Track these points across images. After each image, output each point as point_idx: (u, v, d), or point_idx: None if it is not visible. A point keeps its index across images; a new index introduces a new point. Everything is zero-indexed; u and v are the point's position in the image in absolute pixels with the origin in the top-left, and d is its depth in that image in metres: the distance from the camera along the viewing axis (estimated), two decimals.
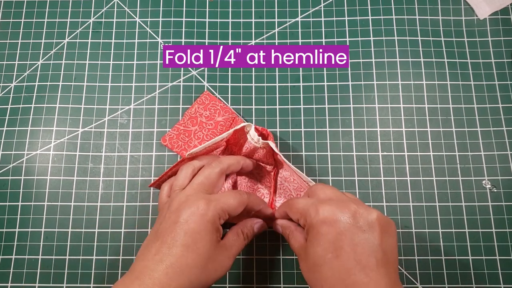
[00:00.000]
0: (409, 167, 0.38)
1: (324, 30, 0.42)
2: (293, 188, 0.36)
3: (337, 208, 0.27)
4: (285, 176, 0.37)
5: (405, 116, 0.40)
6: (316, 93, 0.40)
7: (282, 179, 0.37)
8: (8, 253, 0.37)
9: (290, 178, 0.36)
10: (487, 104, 0.40)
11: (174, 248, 0.27)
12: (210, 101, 0.39)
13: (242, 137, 0.36)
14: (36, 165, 0.39)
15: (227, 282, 0.36)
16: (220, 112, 0.39)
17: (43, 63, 0.42)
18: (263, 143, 0.34)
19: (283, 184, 0.37)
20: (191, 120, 0.39)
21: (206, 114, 0.39)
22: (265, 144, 0.34)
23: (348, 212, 0.26)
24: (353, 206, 0.27)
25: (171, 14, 0.43)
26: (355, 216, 0.26)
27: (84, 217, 0.37)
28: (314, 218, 0.27)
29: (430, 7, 0.42)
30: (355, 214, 0.26)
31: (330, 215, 0.26)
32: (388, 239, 0.26)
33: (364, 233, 0.26)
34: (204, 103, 0.39)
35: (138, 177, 0.38)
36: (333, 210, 0.27)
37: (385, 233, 0.26)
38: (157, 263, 0.26)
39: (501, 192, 0.37)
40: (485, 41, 0.41)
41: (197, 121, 0.39)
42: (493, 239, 0.36)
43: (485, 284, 0.35)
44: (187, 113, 0.39)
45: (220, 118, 0.39)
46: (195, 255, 0.27)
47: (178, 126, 0.39)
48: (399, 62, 0.41)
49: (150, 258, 0.27)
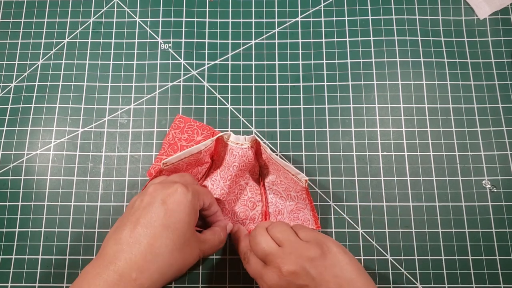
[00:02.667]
0: (409, 167, 0.38)
1: (324, 30, 0.42)
2: (282, 190, 0.37)
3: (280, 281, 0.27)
4: (271, 180, 0.37)
5: (405, 116, 0.40)
6: (316, 93, 0.40)
7: (270, 183, 0.37)
8: (8, 253, 0.37)
9: (277, 180, 0.36)
10: (487, 104, 0.40)
11: (151, 228, 0.25)
12: (185, 123, 0.39)
13: (222, 150, 0.36)
14: (36, 165, 0.39)
15: (227, 282, 0.36)
16: (198, 131, 0.39)
17: (43, 63, 0.42)
18: (250, 141, 0.34)
19: (271, 188, 0.37)
20: (171, 147, 0.38)
21: (184, 137, 0.38)
22: (253, 142, 0.35)
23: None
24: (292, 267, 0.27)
25: (171, 14, 0.43)
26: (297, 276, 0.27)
27: (84, 217, 0.37)
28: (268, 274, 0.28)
29: (430, 7, 0.42)
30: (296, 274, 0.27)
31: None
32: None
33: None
34: (180, 126, 0.39)
35: (138, 177, 0.38)
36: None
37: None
38: (132, 245, 0.25)
39: (501, 192, 0.37)
40: (485, 41, 0.41)
41: (177, 147, 0.38)
42: (493, 239, 0.36)
43: (485, 284, 0.35)
44: (165, 141, 0.38)
45: (200, 137, 0.38)
46: (175, 236, 0.26)
47: (160, 156, 0.38)
48: (399, 62, 0.41)
49: (123, 241, 0.25)
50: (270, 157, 0.34)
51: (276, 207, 0.37)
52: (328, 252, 0.27)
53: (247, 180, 0.37)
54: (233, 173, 0.35)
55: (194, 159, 0.35)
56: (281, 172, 0.35)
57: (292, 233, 0.30)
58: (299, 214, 0.36)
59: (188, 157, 0.34)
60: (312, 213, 0.35)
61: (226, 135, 0.35)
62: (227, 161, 0.35)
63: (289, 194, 0.36)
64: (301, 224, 0.35)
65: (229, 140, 0.35)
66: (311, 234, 0.30)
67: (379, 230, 0.37)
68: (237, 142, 0.35)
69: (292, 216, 0.36)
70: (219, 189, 0.35)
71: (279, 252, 0.28)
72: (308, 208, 0.36)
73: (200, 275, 0.36)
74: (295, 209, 0.36)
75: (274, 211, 0.37)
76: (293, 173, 0.34)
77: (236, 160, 0.35)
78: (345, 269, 0.27)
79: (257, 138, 0.34)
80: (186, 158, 0.34)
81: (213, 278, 0.36)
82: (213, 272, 0.36)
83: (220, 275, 0.36)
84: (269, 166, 0.36)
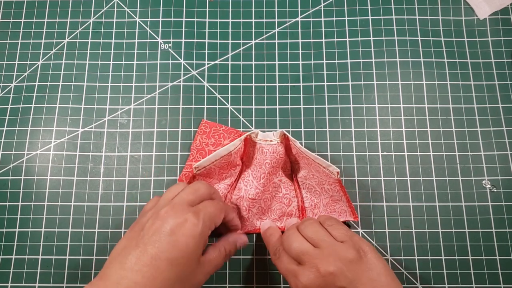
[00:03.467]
0: (409, 167, 0.38)
1: (324, 30, 0.42)
2: (316, 184, 0.37)
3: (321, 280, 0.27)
4: (304, 175, 0.37)
5: (405, 116, 0.40)
6: (316, 93, 0.40)
7: (302, 178, 0.37)
8: (8, 253, 0.37)
9: (309, 174, 0.37)
10: (487, 104, 0.40)
11: (158, 261, 0.25)
12: (211, 127, 0.39)
13: (251, 149, 0.36)
14: (36, 165, 0.39)
15: (227, 282, 0.36)
16: (224, 135, 0.38)
17: (43, 63, 0.42)
18: (279, 136, 0.35)
19: (305, 183, 0.37)
20: (199, 153, 0.38)
21: (211, 142, 0.38)
22: (281, 137, 0.35)
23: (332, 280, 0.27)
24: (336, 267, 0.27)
25: (171, 14, 0.43)
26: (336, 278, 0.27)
27: (84, 217, 0.37)
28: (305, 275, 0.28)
29: (430, 7, 0.42)
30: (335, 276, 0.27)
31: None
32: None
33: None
34: (205, 131, 0.39)
35: (138, 177, 0.38)
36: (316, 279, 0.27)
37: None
38: (136, 274, 0.25)
39: (501, 192, 0.37)
40: (485, 41, 0.41)
41: (205, 152, 0.38)
42: (493, 239, 0.36)
43: (485, 284, 0.35)
44: (193, 147, 0.38)
45: (227, 141, 0.38)
46: (179, 271, 0.26)
47: (189, 163, 0.38)
48: (399, 62, 0.41)
49: (128, 267, 0.25)
50: (300, 151, 0.34)
51: (312, 201, 0.37)
52: (364, 256, 0.28)
53: (280, 177, 0.37)
54: (266, 171, 0.36)
55: (225, 162, 0.35)
56: (312, 166, 0.35)
57: (326, 233, 0.30)
58: (335, 206, 0.36)
59: (219, 160, 0.34)
60: (348, 204, 0.35)
61: (253, 134, 0.36)
62: (258, 159, 0.36)
63: (323, 188, 0.36)
64: (329, 215, 0.34)
65: (257, 138, 0.35)
66: (344, 233, 0.30)
67: (379, 230, 0.37)
68: (265, 139, 0.35)
69: (329, 209, 0.36)
70: (253, 189, 0.36)
71: (316, 252, 0.28)
72: (343, 200, 0.36)
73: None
74: (330, 202, 0.36)
75: (310, 205, 0.37)
76: (324, 165, 0.34)
77: (267, 158, 0.35)
78: (381, 273, 0.27)
79: (285, 133, 0.35)
80: (217, 161, 0.34)
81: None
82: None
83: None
84: (300, 161, 0.37)
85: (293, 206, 0.37)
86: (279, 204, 0.37)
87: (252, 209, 0.36)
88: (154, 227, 0.27)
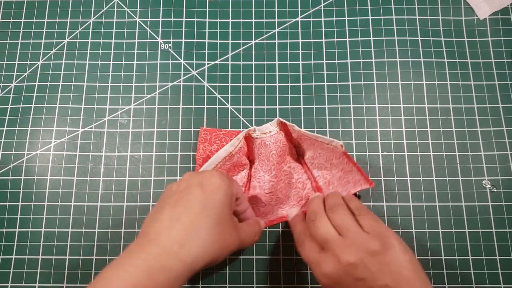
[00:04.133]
0: (409, 167, 0.38)
1: (324, 30, 0.42)
2: (324, 161, 0.37)
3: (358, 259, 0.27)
4: (310, 156, 0.37)
5: (405, 116, 0.40)
6: (316, 93, 0.40)
7: (310, 159, 0.38)
8: (8, 253, 0.37)
9: (315, 154, 0.37)
10: (487, 104, 0.40)
11: (190, 208, 0.26)
12: (211, 133, 0.38)
13: (255, 146, 0.36)
14: (36, 165, 0.39)
15: (227, 282, 0.36)
16: (226, 138, 0.38)
17: (43, 63, 0.42)
18: (276, 124, 0.35)
19: (313, 163, 0.38)
20: (205, 161, 0.37)
21: (214, 148, 0.38)
22: (279, 125, 0.35)
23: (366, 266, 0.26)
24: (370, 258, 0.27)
25: (171, 14, 0.43)
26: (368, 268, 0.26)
27: (84, 217, 0.37)
28: (337, 258, 0.27)
29: (430, 7, 0.42)
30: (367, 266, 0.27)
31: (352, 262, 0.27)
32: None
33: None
34: (206, 139, 0.38)
35: (138, 177, 0.38)
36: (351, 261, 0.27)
37: None
38: (173, 222, 0.25)
39: (501, 192, 0.37)
40: (485, 41, 0.41)
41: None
42: (493, 239, 0.36)
43: (485, 284, 0.35)
44: (198, 157, 0.38)
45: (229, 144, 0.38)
46: (214, 214, 0.26)
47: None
48: (399, 62, 0.41)
49: (164, 219, 0.26)
50: (300, 133, 0.35)
51: (325, 179, 0.37)
52: (390, 248, 0.27)
53: (289, 163, 0.37)
54: (275, 162, 0.36)
55: (230, 164, 0.35)
56: (316, 145, 0.36)
57: (353, 221, 0.29)
58: (349, 177, 0.36)
59: (222, 162, 0.35)
60: (360, 172, 0.35)
61: (251, 131, 0.36)
62: (264, 153, 0.36)
63: (332, 163, 0.36)
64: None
65: (256, 133, 0.36)
66: (373, 224, 0.29)
67: None
68: (264, 132, 0.36)
69: (343, 181, 0.36)
70: (267, 183, 0.36)
71: (340, 241, 0.28)
72: (354, 170, 0.36)
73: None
74: (342, 175, 0.36)
75: (324, 183, 0.37)
76: (326, 142, 0.34)
77: (272, 149, 0.35)
78: (404, 267, 0.26)
79: (281, 120, 0.35)
80: (220, 163, 0.35)
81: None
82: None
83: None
84: (303, 144, 0.37)
85: (308, 188, 0.38)
86: (295, 190, 0.37)
87: (271, 202, 0.36)
88: (181, 187, 0.28)
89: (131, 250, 0.25)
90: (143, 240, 0.26)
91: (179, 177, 0.38)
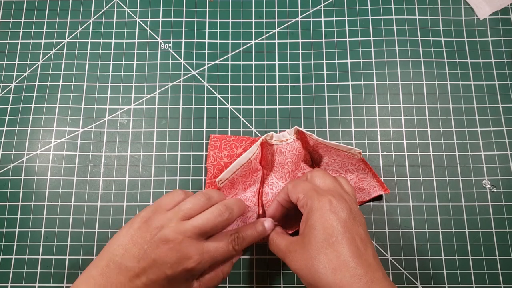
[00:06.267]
0: (409, 167, 0.38)
1: (324, 30, 0.42)
2: (339, 167, 0.37)
3: (337, 203, 0.28)
4: (325, 162, 0.37)
5: (405, 116, 0.40)
6: (316, 93, 0.40)
7: (324, 165, 0.38)
8: (8, 253, 0.37)
9: (330, 160, 0.37)
10: (487, 104, 0.40)
11: (145, 276, 0.27)
12: (221, 140, 0.38)
13: (269, 152, 0.36)
14: (36, 165, 0.39)
15: (227, 282, 0.36)
16: (236, 144, 0.38)
17: (43, 63, 0.42)
18: (294, 133, 0.35)
19: (328, 169, 0.38)
20: (216, 168, 0.37)
21: (224, 154, 0.38)
22: (296, 134, 0.35)
23: (345, 208, 0.28)
24: (348, 204, 0.28)
25: (171, 14, 0.43)
26: (351, 212, 0.28)
27: (84, 217, 0.37)
28: (318, 203, 0.27)
29: (430, 7, 0.42)
30: (350, 210, 0.28)
31: (330, 206, 0.28)
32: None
33: (359, 228, 0.27)
34: (216, 146, 0.38)
35: (138, 177, 0.38)
36: (333, 205, 0.27)
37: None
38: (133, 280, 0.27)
39: (501, 192, 0.37)
40: (485, 41, 0.41)
41: (222, 165, 0.38)
42: (493, 239, 0.36)
43: (485, 284, 0.35)
44: (209, 164, 0.38)
45: (240, 150, 0.38)
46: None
47: (209, 180, 0.37)
48: (399, 62, 0.41)
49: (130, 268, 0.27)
50: (317, 141, 0.35)
51: None
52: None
53: (303, 170, 0.37)
54: (290, 169, 0.36)
55: (246, 170, 0.35)
56: (332, 152, 0.36)
57: (334, 179, 0.31)
58: (364, 184, 0.36)
59: (241, 168, 0.34)
60: (375, 179, 0.36)
61: (268, 136, 0.36)
62: (279, 160, 0.36)
63: (347, 169, 0.37)
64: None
65: (273, 140, 0.36)
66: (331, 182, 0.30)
67: (379, 230, 0.37)
68: (281, 139, 0.35)
69: (358, 188, 0.37)
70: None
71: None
72: (370, 176, 0.36)
73: None
74: (357, 181, 0.37)
75: None
76: (344, 150, 0.35)
77: (288, 157, 0.35)
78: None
79: (299, 128, 0.35)
80: (238, 170, 0.34)
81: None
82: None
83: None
84: (319, 150, 0.37)
85: None
86: None
87: None
88: (154, 252, 0.27)
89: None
90: (108, 269, 0.27)
91: (179, 177, 0.38)
